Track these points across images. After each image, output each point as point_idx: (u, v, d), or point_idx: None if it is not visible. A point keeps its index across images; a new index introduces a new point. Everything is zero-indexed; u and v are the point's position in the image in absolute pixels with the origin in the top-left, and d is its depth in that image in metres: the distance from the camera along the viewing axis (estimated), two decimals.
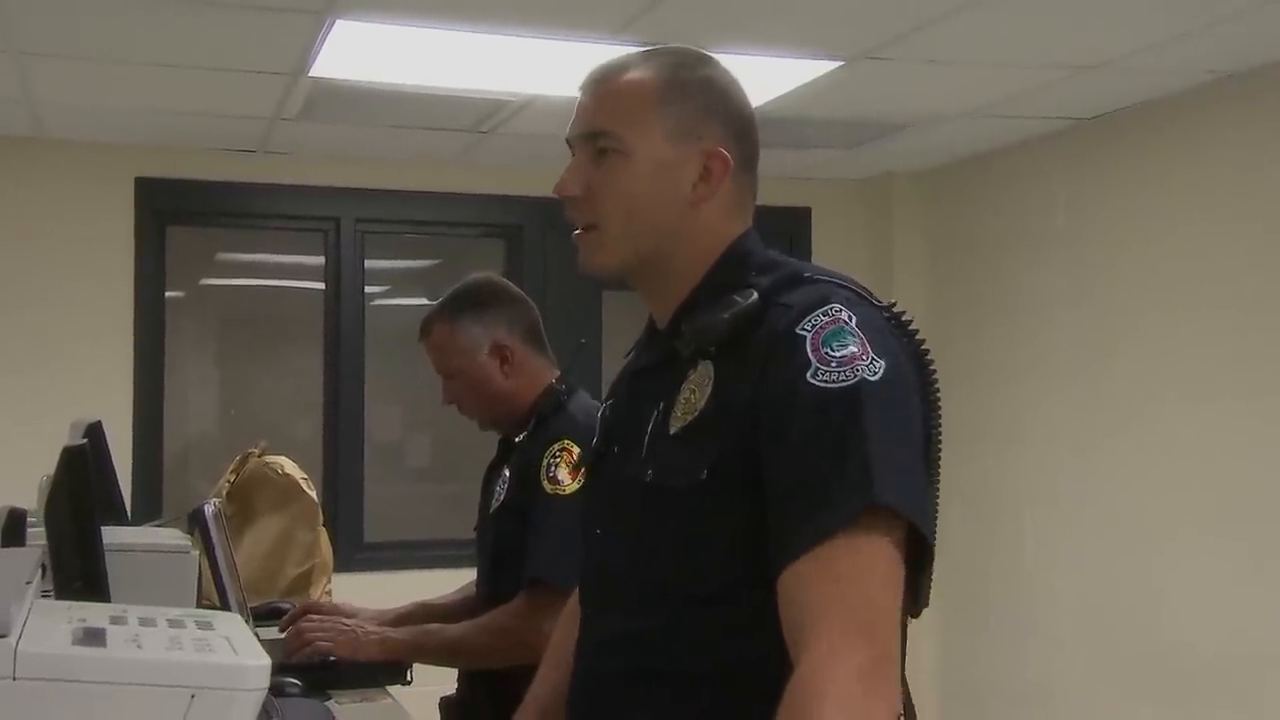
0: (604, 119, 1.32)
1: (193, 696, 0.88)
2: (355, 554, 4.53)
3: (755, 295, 1.26)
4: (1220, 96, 3.70)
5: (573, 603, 1.60)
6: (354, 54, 3.42)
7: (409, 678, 2.35)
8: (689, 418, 1.26)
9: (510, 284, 2.44)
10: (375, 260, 4.94)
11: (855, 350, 1.18)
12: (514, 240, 4.90)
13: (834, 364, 1.17)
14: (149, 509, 4.26)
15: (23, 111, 4.01)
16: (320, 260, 4.78)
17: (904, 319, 1.27)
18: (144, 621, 1.02)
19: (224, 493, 3.29)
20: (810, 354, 1.18)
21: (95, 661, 0.89)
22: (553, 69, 3.48)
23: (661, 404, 1.30)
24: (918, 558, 1.17)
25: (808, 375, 1.17)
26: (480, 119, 4.11)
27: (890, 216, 5.00)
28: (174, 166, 4.45)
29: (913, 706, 1.29)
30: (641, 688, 1.27)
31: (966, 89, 3.82)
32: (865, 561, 1.11)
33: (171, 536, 2.32)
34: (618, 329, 4.96)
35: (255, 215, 4.75)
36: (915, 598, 1.22)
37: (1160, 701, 3.83)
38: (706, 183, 1.31)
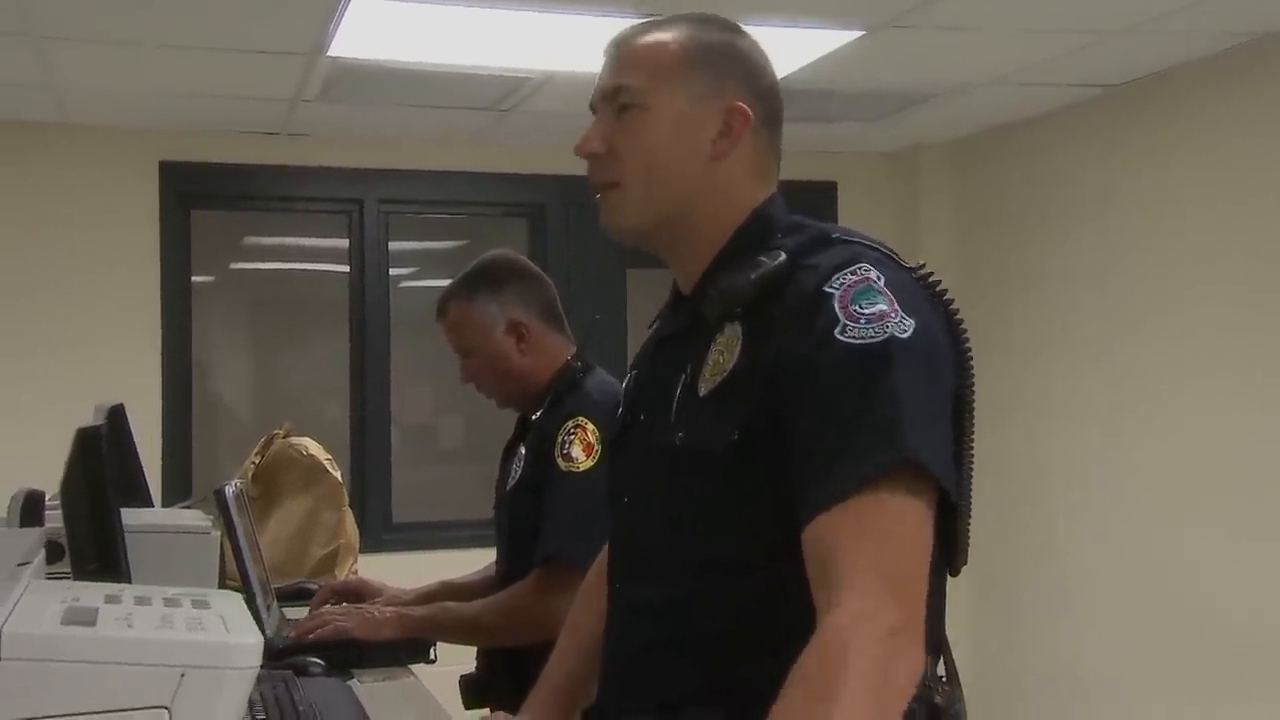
0: (625, 75, 1.32)
1: (182, 675, 0.87)
2: (383, 534, 4.55)
3: (783, 256, 1.25)
4: (1255, 60, 3.62)
5: (589, 580, 1.58)
6: (371, 33, 3.40)
7: (433, 656, 2.35)
8: (718, 379, 1.25)
9: (527, 261, 2.42)
10: (401, 242, 4.94)
11: (884, 308, 1.17)
12: (536, 219, 4.88)
13: (863, 321, 1.16)
14: (179, 491, 4.29)
15: (47, 97, 4.02)
16: (338, 243, 4.79)
17: (932, 280, 1.26)
18: (139, 600, 1.01)
19: (249, 474, 3.30)
20: (839, 311, 1.17)
21: (83, 641, 0.88)
22: (571, 45, 3.45)
23: (689, 368, 1.29)
24: (945, 518, 1.16)
25: (836, 332, 1.17)
26: (500, 97, 4.09)
27: (917, 189, 4.94)
28: (197, 150, 4.46)
29: (954, 667, 1.28)
30: (672, 655, 1.27)
31: (993, 56, 3.75)
32: (894, 517, 1.10)
33: (192, 518, 2.33)
34: (642, 307, 4.94)
35: (279, 198, 4.76)
36: (953, 554, 1.23)
37: (1194, 675, 3.78)
38: (726, 137, 1.30)
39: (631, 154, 1.31)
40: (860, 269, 1.20)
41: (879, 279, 1.19)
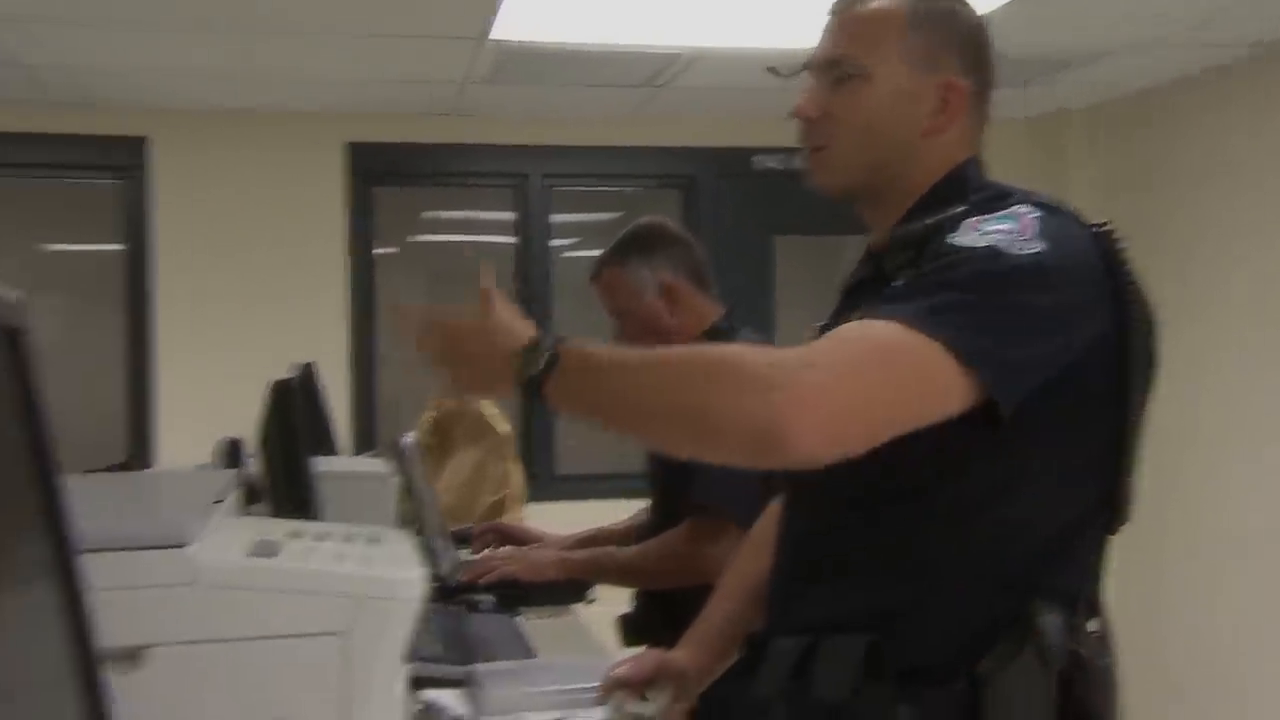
0: (847, 44, 1.30)
1: (354, 605, 0.89)
2: (548, 485, 4.62)
3: (961, 209, 1.23)
4: None
5: (758, 525, 1.56)
6: (531, 16, 3.41)
7: (591, 597, 2.38)
8: None
9: (677, 226, 2.40)
10: (563, 215, 4.98)
11: (1007, 228, 1.15)
12: (689, 190, 4.85)
13: (977, 233, 1.15)
14: (365, 442, 4.45)
15: (246, 87, 4.17)
16: (512, 216, 4.85)
17: (1113, 238, 1.22)
18: (319, 537, 1.03)
19: (426, 428, 3.39)
20: (964, 226, 1.17)
21: (265, 571, 0.90)
22: (721, 22, 3.40)
23: (862, 314, 1.26)
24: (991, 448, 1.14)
25: (948, 237, 1.16)
26: (653, 74, 4.06)
27: (1063, 156, 4.71)
28: (379, 131, 4.57)
29: (1109, 628, 1.23)
30: (823, 581, 1.25)
31: (1142, 17, 3.54)
32: (899, 357, 1.10)
33: (374, 465, 2.40)
34: (790, 275, 4.87)
35: (451, 174, 4.85)
36: (1113, 512, 1.20)
37: None
38: (943, 113, 1.28)
39: (847, 121, 1.29)
40: (1012, 206, 1.19)
41: (1029, 213, 1.17)
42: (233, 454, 2.01)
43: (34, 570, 0.65)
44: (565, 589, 2.32)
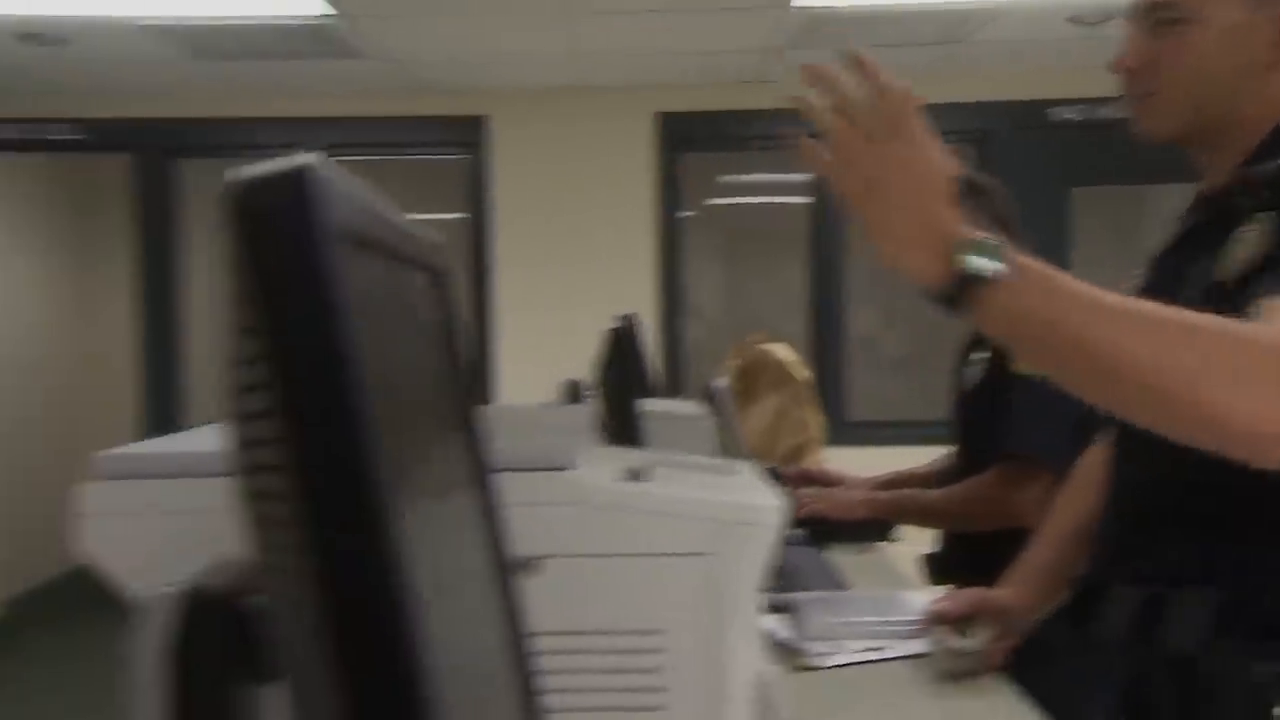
0: None
1: (721, 528, 0.89)
2: (840, 431, 4.55)
3: None
4: None
5: (1078, 475, 1.46)
6: None
7: (895, 536, 2.33)
8: (1239, 266, 1.10)
9: (986, 177, 2.28)
10: None
11: None
12: (983, 144, 4.60)
13: None
14: (674, 388, 4.55)
15: (567, 66, 4.31)
16: (802, 178, 4.78)
17: None
18: (678, 466, 1.04)
19: (730, 374, 3.40)
20: None
21: (640, 494, 0.91)
22: None
23: (1207, 259, 1.14)
24: None
25: None
26: (952, 30, 3.87)
27: None
28: (686, 101, 4.61)
29: None
30: (1169, 532, 1.16)
31: None
32: None
33: (691, 407, 2.44)
34: (1087, 229, 4.55)
35: (754, 138, 4.82)
36: None
37: None
38: None
39: (1175, 66, 1.17)
40: None
41: None
42: (573, 393, 2.09)
43: (462, 482, 0.69)
44: (870, 527, 2.28)
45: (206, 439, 0.95)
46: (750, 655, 0.91)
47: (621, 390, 1.83)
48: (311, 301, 0.39)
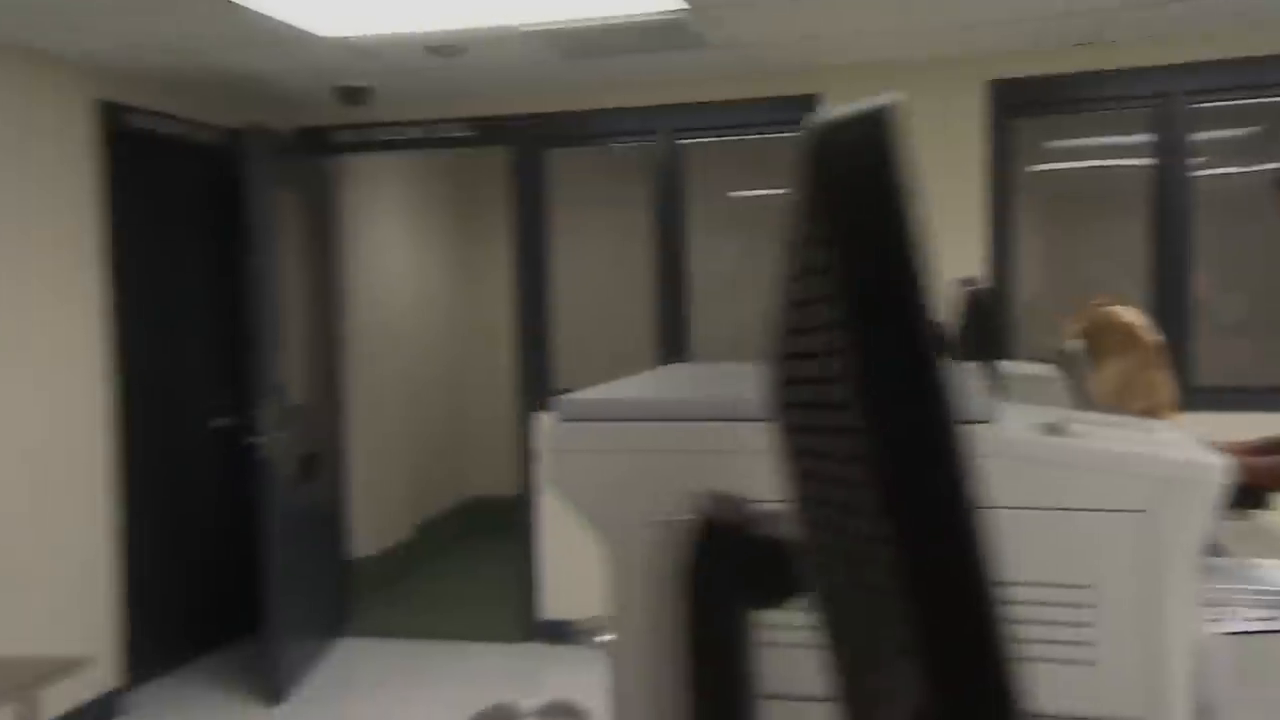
0: None
1: (1163, 484, 0.80)
2: (1186, 396, 4.12)
3: None
4: None
5: None
6: None
7: (1268, 505, 2.05)
8: None
9: None
10: (1201, 133, 4.34)
11: None
12: None
13: None
14: (1013, 351, 4.31)
15: (899, 40, 4.14)
16: (1136, 139, 4.33)
17: None
18: (1090, 421, 0.96)
19: (1074, 337, 3.16)
20: None
21: (1063, 448, 0.85)
22: None
23: None
24: None
25: None
26: None
27: None
28: (1019, 67, 4.31)
29: None
30: None
31: None
32: None
33: (1043, 369, 2.28)
34: None
35: (1085, 100, 4.43)
36: None
37: None
38: None
39: None
40: None
41: None
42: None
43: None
44: (1245, 494, 2.02)
45: (644, 387, 0.98)
46: (1188, 618, 0.82)
47: (988, 348, 1.73)
48: (893, 222, 0.39)
